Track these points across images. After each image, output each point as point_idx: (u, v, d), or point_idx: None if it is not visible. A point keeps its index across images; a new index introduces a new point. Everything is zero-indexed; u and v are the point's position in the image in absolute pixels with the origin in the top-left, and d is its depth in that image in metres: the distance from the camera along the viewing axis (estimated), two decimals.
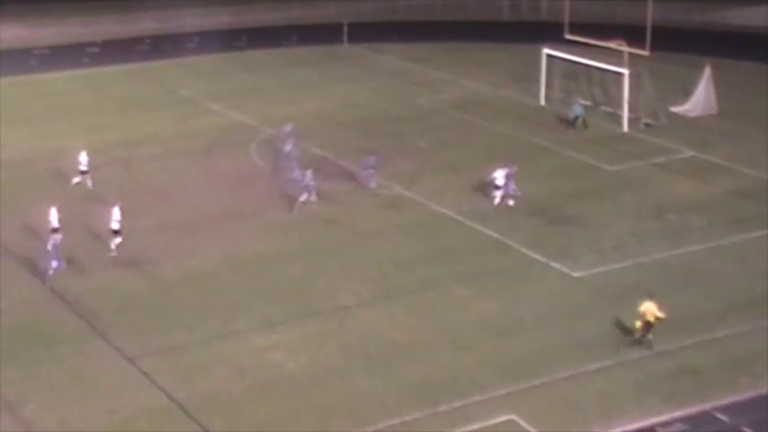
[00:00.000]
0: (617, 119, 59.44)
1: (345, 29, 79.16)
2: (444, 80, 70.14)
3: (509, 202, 47.32)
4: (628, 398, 33.07)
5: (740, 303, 38.73)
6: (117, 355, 35.64)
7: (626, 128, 58.82)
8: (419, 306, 39.06)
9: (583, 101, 60.86)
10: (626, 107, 58.95)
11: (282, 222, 46.31)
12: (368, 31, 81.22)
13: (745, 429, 31.50)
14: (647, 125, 59.27)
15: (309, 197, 47.28)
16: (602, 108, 61.16)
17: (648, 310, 35.24)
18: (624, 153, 55.09)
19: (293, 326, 37.58)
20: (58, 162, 52.95)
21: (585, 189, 49.67)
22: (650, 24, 58.93)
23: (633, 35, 60.09)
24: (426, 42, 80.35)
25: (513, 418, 31.92)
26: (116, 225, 42.66)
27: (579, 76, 62.77)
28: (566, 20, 63.52)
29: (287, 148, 52.78)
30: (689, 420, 31.92)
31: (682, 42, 73.97)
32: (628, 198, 49.16)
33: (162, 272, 41.73)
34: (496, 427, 31.58)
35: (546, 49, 63.46)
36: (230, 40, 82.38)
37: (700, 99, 62.00)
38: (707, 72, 61.90)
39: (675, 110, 61.82)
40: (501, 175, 47.17)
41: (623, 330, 36.62)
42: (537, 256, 42.93)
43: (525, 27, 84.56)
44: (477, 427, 31.58)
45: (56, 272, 40.22)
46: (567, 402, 32.91)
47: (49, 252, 40.44)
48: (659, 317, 35.25)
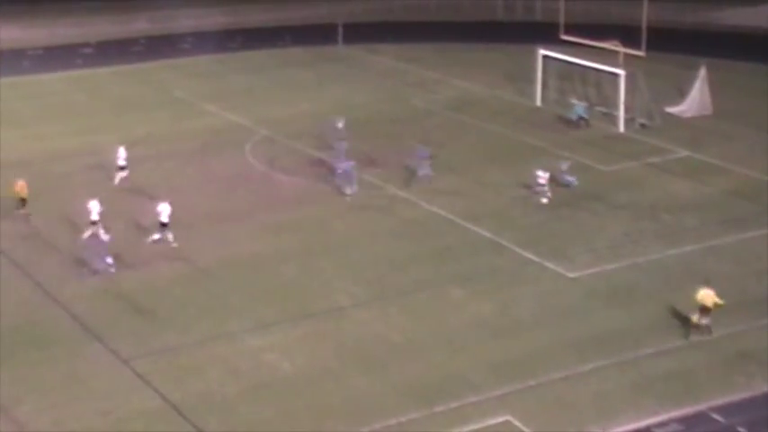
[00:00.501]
0: (612, 119, 59.46)
1: (340, 29, 79.11)
2: (439, 81, 70.14)
3: (542, 200, 47.71)
4: (623, 398, 33.04)
5: (735, 303, 38.58)
6: (111, 356, 35.56)
7: (621, 128, 58.82)
8: (414, 307, 39.01)
9: (577, 101, 60.84)
10: (621, 107, 58.97)
11: (276, 223, 46.26)
12: (363, 32, 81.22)
13: (740, 429, 31.47)
14: (642, 125, 59.28)
15: (352, 188, 48.84)
16: (597, 108, 61.15)
17: (707, 295, 35.86)
18: (619, 153, 55.08)
19: (288, 327, 37.52)
20: (54, 163, 52.92)
21: (580, 189, 49.62)
22: (645, 25, 59.00)
23: (628, 36, 60.16)
24: (421, 43, 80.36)
25: (509, 418, 31.88)
26: (166, 219, 43.28)
27: (574, 77, 62.77)
28: (561, 20, 63.58)
29: (337, 141, 53.46)
30: (684, 420, 31.90)
31: (677, 43, 74.04)
32: (622, 198, 49.15)
33: (156, 273, 41.65)
34: (492, 428, 31.53)
35: (541, 50, 63.47)
36: (225, 40, 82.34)
37: (695, 99, 62.02)
38: (702, 72, 61.92)
39: (670, 110, 61.83)
40: (544, 175, 47.89)
41: (680, 318, 37.00)
42: (532, 257, 42.90)
43: (520, 27, 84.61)
44: (473, 427, 31.53)
45: (107, 269, 40.45)
46: (563, 403, 32.88)
47: (100, 248, 40.70)
48: (718, 303, 35.87)
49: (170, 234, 43.50)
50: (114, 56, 77.52)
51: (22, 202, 46.70)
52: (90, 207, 43.58)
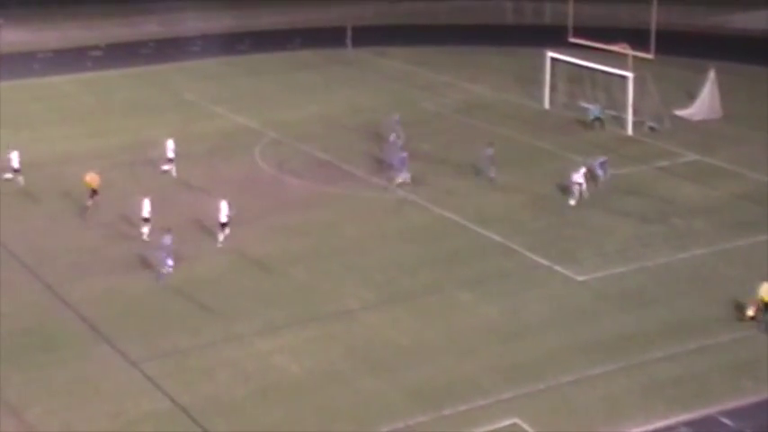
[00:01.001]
0: (621, 122, 59.40)
1: (349, 32, 79.15)
2: (448, 84, 70.14)
3: (570, 202, 47.98)
4: (632, 402, 33.02)
5: (744, 307, 38.62)
6: (120, 358, 35.64)
7: (630, 131, 58.77)
8: (423, 310, 39.02)
9: (589, 104, 60.83)
10: (630, 111, 58.91)
11: (285, 226, 46.30)
12: (372, 35, 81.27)
13: None
14: (651, 129, 59.21)
15: (406, 179, 50.40)
16: (606, 111, 61.06)
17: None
18: (628, 157, 55.01)
19: (297, 330, 37.55)
20: (64, 165, 53.06)
21: (589, 192, 49.55)
22: (654, 28, 58.94)
23: (637, 39, 60.10)
24: (430, 46, 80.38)
25: (517, 421, 31.87)
26: (224, 218, 43.64)
27: (583, 80, 62.71)
28: (570, 23, 63.54)
29: (392, 137, 54.48)
30: (693, 424, 31.87)
31: (686, 46, 73.97)
32: (632, 202, 49.10)
33: (166, 275, 41.70)
34: (500, 431, 31.53)
35: (550, 53, 63.44)
36: (234, 43, 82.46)
37: (704, 103, 61.93)
38: (711, 76, 61.84)
39: (680, 113, 61.75)
40: (580, 174, 48.13)
41: (738, 309, 37.36)
42: (541, 260, 42.88)
43: (529, 30, 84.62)
44: (482, 430, 31.54)
45: (168, 270, 40.78)
46: (571, 406, 32.86)
47: (164, 249, 40.97)
48: None
49: (222, 234, 43.93)
50: (124, 58, 77.67)
51: (93, 193, 47.57)
52: (143, 205, 44.45)
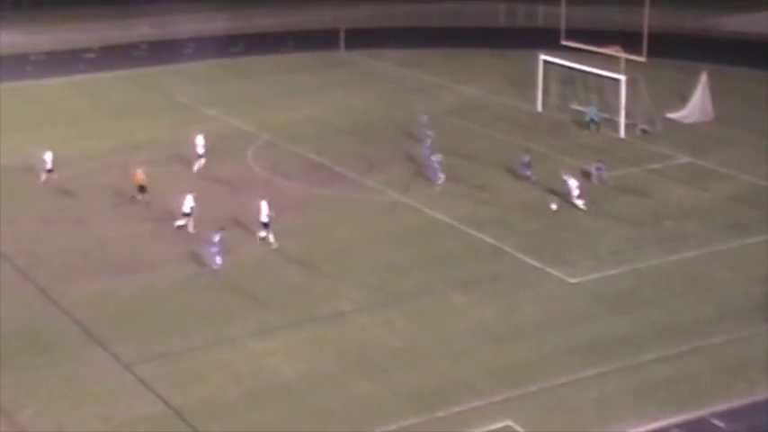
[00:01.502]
0: (613, 125, 59.49)
1: (342, 35, 79.20)
2: (441, 86, 70.18)
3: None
4: (624, 404, 33.07)
5: (736, 309, 38.76)
6: (113, 361, 35.61)
7: (622, 134, 58.86)
8: (416, 312, 39.05)
9: (581, 106, 60.94)
10: (622, 113, 59.01)
11: (278, 228, 46.22)
12: (365, 37, 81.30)
13: None
14: (643, 131, 59.31)
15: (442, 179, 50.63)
16: (600, 114, 61.09)
17: None
18: (620, 159, 55.08)
19: (290, 332, 37.57)
20: (56, 168, 52.93)
21: (582, 195, 49.60)
22: (647, 31, 59.03)
23: (630, 41, 60.20)
24: (423, 48, 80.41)
25: (510, 424, 31.91)
26: (265, 218, 43.98)
27: (576, 82, 62.81)
28: (562, 26, 63.61)
29: (425, 136, 54.42)
30: (685, 426, 31.93)
31: (678, 49, 74.12)
32: (624, 204, 49.18)
33: (158, 278, 41.71)
34: None
35: (542, 55, 63.53)
36: (227, 46, 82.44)
37: (696, 105, 62.06)
38: (703, 78, 61.97)
39: (672, 116, 61.86)
40: (575, 183, 48.10)
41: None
42: (533, 262, 42.94)
43: (522, 33, 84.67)
44: None
45: (217, 267, 40.96)
46: (564, 408, 32.91)
47: (215, 246, 41.16)
48: None
49: (264, 233, 44.17)
50: (117, 61, 77.61)
51: (141, 190, 48.16)
52: (185, 200, 45.06)
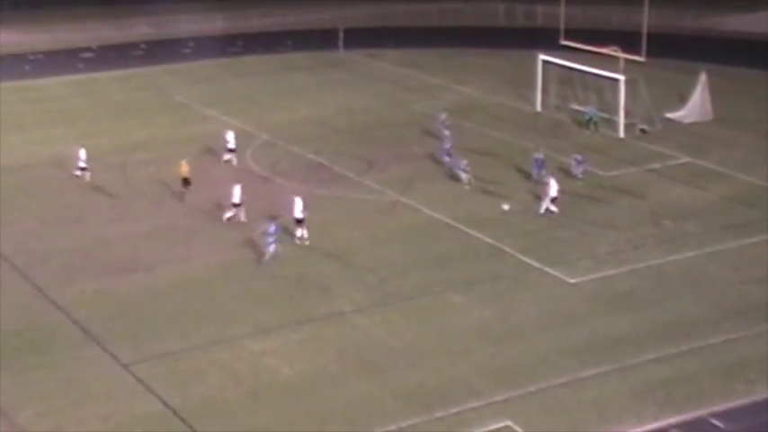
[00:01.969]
0: (613, 125, 59.48)
1: (341, 35, 79.22)
2: (440, 86, 70.19)
3: (552, 208, 47.56)
4: (623, 404, 33.03)
5: (735, 309, 38.74)
6: (111, 361, 35.57)
7: (621, 134, 58.85)
8: (415, 312, 39.01)
9: (581, 106, 60.93)
10: (621, 113, 59.00)
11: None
12: (364, 37, 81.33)
13: None
14: (642, 131, 59.31)
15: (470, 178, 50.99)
16: (599, 114, 61.11)
17: None
18: (619, 159, 55.10)
19: (288, 331, 37.53)
20: (54, 168, 52.98)
21: (581, 194, 49.63)
22: (646, 30, 59.04)
23: (629, 41, 60.22)
24: (422, 48, 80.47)
25: (509, 424, 31.87)
26: (300, 215, 44.14)
27: (575, 82, 62.81)
28: (561, 26, 63.62)
29: (445, 135, 54.89)
30: (684, 426, 31.90)
31: (677, 49, 74.18)
32: (623, 204, 49.17)
33: (157, 277, 41.67)
34: None
35: (541, 55, 63.52)
36: (226, 45, 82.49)
37: (695, 105, 62.07)
38: (702, 78, 61.97)
39: (671, 116, 61.87)
40: (556, 187, 47.66)
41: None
42: (532, 262, 42.91)
43: (521, 33, 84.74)
44: None
45: (272, 256, 41.26)
46: (563, 409, 32.86)
47: (270, 235, 41.54)
48: None
49: (300, 230, 44.33)
50: (115, 60, 77.65)
51: (186, 182, 48.64)
52: (233, 191, 45.60)
